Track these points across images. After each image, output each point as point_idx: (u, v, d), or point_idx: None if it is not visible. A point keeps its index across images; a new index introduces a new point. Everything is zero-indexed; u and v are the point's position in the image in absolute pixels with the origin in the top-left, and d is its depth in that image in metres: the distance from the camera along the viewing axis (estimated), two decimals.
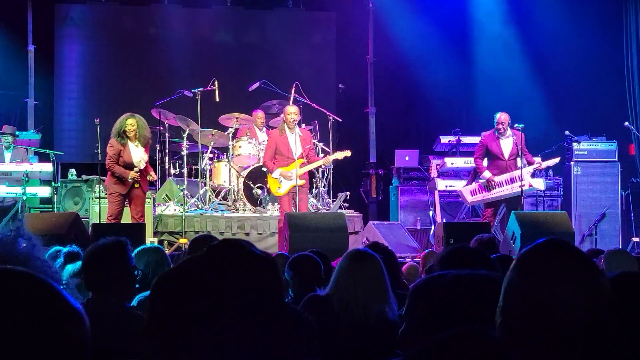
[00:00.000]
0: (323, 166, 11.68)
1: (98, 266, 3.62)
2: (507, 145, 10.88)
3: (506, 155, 10.86)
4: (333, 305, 3.56)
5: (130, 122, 9.86)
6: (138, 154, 9.87)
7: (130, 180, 9.75)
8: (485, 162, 11.14)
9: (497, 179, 10.76)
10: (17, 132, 12.40)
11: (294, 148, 10.49)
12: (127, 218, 10.07)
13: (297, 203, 10.39)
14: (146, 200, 10.33)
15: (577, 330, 1.65)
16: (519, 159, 10.83)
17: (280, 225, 10.37)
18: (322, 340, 3.45)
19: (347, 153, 10.89)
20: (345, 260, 3.65)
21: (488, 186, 10.83)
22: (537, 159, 11.32)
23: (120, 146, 9.80)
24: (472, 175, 11.62)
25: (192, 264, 1.57)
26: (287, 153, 10.48)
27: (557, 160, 11.46)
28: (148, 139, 10.04)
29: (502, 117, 10.84)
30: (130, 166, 9.79)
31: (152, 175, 10.12)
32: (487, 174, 10.82)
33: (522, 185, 10.61)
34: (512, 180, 10.78)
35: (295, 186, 10.42)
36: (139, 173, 9.80)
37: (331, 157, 11.10)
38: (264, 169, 11.10)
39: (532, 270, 1.71)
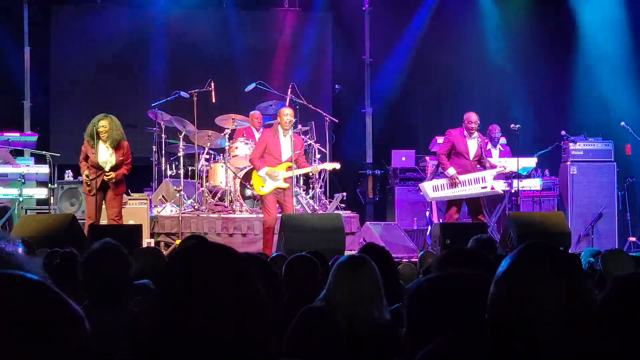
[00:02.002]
0: (310, 174, 11.63)
1: (95, 273, 3.60)
2: (473, 145, 10.87)
3: (471, 155, 10.83)
4: (329, 316, 3.49)
5: (103, 124, 9.65)
6: (105, 156, 9.74)
7: (84, 181, 9.74)
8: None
9: (462, 177, 10.72)
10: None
11: (284, 151, 10.46)
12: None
13: (283, 204, 10.37)
14: (123, 201, 10.29)
15: (561, 331, 1.66)
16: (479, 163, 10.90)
17: (267, 226, 10.34)
18: (320, 352, 3.42)
19: (337, 165, 10.92)
20: (339, 269, 3.55)
21: (452, 184, 10.76)
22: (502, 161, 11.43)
23: (90, 147, 9.70)
24: (434, 170, 11.57)
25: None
26: (277, 154, 10.42)
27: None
28: (118, 141, 9.73)
29: (473, 116, 10.83)
30: (97, 167, 9.71)
31: (109, 175, 9.67)
32: (451, 170, 10.72)
33: (484, 187, 10.69)
34: (476, 181, 10.77)
35: (291, 188, 10.40)
36: (88, 174, 9.65)
37: (320, 167, 11.12)
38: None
39: (517, 274, 1.72)
